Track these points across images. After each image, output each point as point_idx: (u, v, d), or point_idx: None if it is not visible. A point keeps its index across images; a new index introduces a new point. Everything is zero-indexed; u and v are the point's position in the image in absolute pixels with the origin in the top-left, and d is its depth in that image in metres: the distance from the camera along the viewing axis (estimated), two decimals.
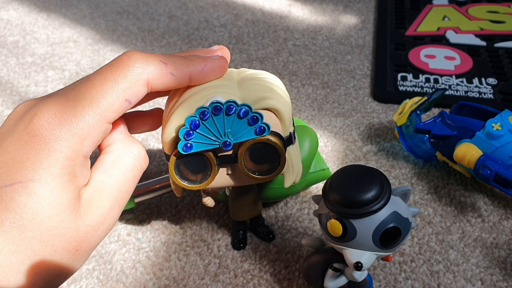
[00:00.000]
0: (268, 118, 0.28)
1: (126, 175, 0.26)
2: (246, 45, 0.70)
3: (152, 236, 0.41)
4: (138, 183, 0.29)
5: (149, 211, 0.44)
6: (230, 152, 0.28)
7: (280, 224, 0.42)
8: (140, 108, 0.49)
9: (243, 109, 0.26)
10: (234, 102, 0.26)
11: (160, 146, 0.51)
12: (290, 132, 0.29)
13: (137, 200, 0.41)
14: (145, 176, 0.44)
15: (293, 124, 0.31)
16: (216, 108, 0.26)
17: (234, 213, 0.38)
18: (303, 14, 0.78)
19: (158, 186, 0.42)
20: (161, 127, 0.30)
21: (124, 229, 0.42)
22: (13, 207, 0.22)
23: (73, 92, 0.24)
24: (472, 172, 0.41)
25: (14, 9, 0.83)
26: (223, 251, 0.40)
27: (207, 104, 0.26)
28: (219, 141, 0.27)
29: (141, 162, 0.27)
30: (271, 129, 0.27)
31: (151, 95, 0.31)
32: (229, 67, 0.30)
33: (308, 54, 0.67)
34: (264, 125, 0.27)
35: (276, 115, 0.28)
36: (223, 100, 0.26)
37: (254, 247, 0.40)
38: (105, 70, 0.25)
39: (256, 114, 0.27)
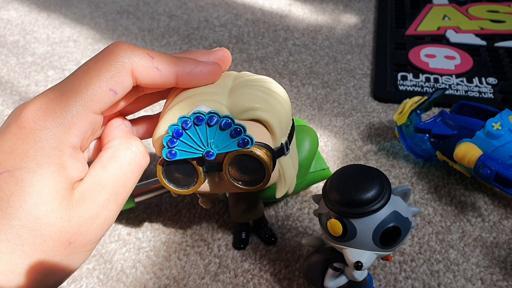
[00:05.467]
0: (256, 129, 0.27)
1: (123, 169, 0.26)
2: (246, 45, 0.70)
3: (152, 236, 0.41)
4: (138, 182, 0.29)
5: (149, 211, 0.44)
6: (215, 161, 0.28)
7: (280, 223, 0.42)
8: (144, 112, 0.49)
9: (224, 121, 0.26)
10: (216, 113, 0.26)
11: None
12: (282, 143, 0.29)
13: (137, 199, 0.41)
14: (145, 175, 0.43)
15: (292, 134, 0.30)
16: (198, 119, 0.26)
17: (235, 215, 0.38)
18: (303, 13, 0.78)
19: (158, 185, 0.42)
20: None
21: (124, 228, 0.42)
22: (1, 195, 0.23)
23: (60, 86, 0.25)
24: (472, 172, 0.41)
25: (14, 9, 0.83)
26: (223, 251, 0.40)
27: (191, 113, 0.26)
28: (202, 150, 0.27)
29: (140, 158, 0.27)
30: (260, 140, 0.27)
31: (150, 97, 0.31)
32: (230, 67, 0.30)
33: (308, 53, 0.67)
34: (247, 137, 0.26)
35: (266, 126, 0.27)
36: (206, 110, 0.26)
37: (254, 247, 0.40)
38: (90, 61, 0.25)
39: (239, 126, 0.26)
